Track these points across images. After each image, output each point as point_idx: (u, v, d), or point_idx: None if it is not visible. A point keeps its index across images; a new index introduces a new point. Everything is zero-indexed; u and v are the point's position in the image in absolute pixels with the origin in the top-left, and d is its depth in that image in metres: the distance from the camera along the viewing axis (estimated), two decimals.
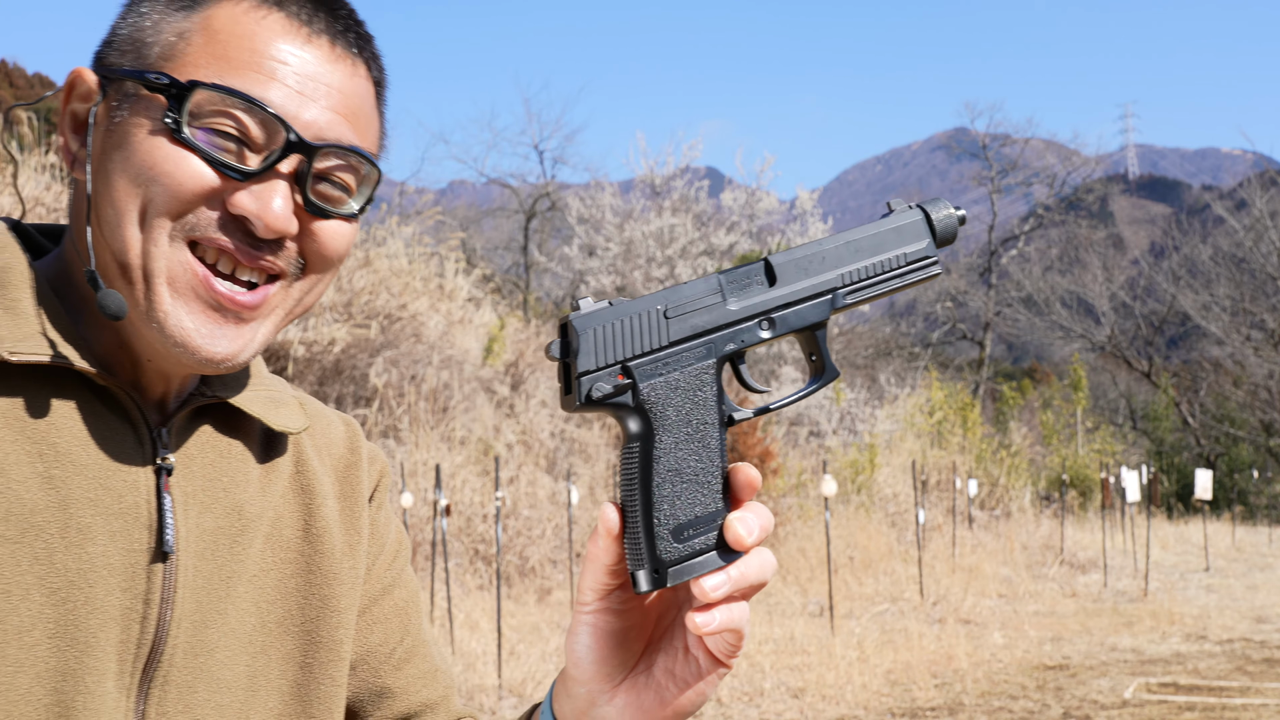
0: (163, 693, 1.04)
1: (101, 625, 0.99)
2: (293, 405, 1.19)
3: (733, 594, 0.95)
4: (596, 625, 0.99)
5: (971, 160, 53.04)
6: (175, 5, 1.04)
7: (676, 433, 0.97)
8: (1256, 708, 8.41)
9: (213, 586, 1.07)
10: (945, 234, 1.07)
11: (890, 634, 10.92)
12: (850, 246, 1.04)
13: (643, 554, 0.95)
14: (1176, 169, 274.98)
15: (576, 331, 0.96)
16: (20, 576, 0.96)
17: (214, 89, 0.99)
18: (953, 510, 17.52)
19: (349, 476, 1.25)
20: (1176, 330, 50.53)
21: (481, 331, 17.16)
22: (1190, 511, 30.92)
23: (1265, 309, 38.43)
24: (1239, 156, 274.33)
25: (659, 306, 0.98)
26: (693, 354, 0.98)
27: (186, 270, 1.01)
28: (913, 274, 1.06)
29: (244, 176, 1.01)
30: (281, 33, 1.03)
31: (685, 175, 28.56)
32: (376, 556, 1.27)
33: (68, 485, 0.99)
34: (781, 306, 1.01)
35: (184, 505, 1.06)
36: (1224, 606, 13.76)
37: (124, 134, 1.02)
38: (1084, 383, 32.93)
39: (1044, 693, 9.03)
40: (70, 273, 1.08)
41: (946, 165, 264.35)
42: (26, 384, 1.01)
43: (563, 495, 13.62)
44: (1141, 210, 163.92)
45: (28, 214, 10.39)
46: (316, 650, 1.15)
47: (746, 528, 0.95)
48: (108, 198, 1.02)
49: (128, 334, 1.05)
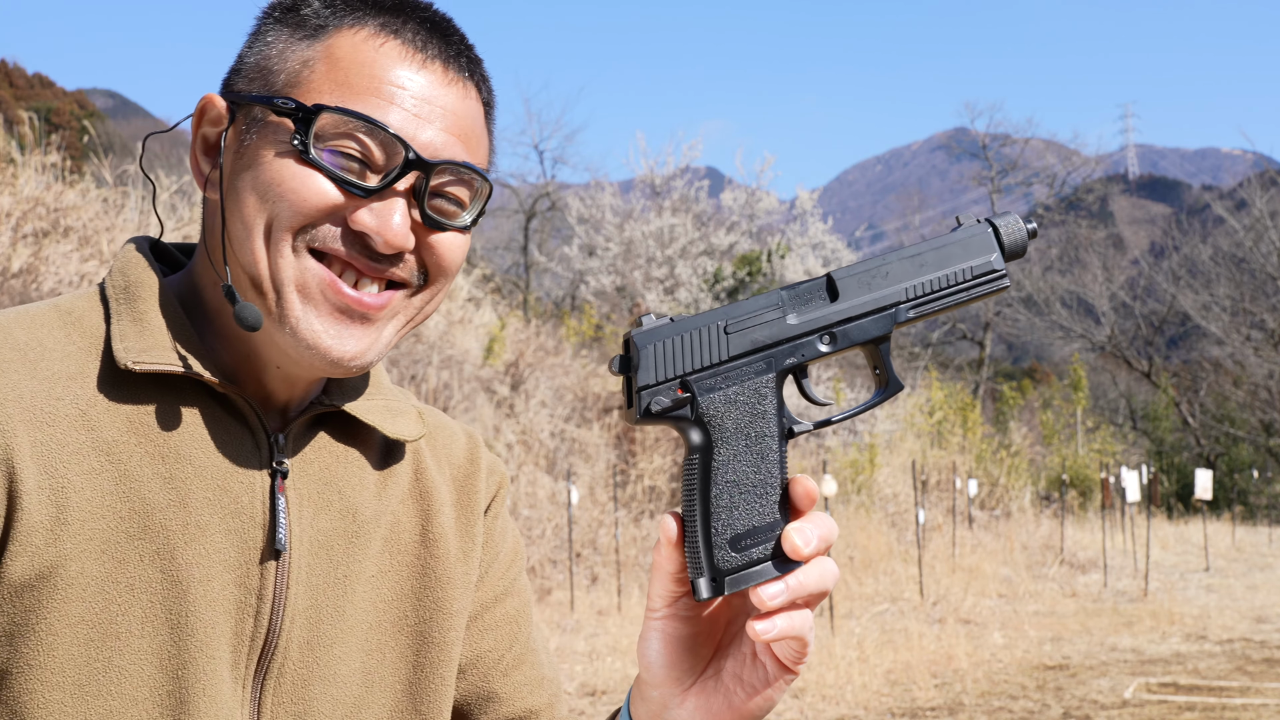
0: (277, 684, 1.10)
1: (216, 618, 1.05)
2: (410, 415, 1.24)
3: (792, 602, 0.98)
4: (665, 631, 1.03)
5: (971, 160, 53.05)
6: (299, 34, 1.11)
7: (735, 445, 0.99)
8: (1256, 708, 8.41)
9: (328, 585, 1.13)
10: (1015, 248, 1.07)
11: (890, 634, 10.92)
12: (915, 261, 1.05)
13: (701, 563, 0.98)
14: (1176, 169, 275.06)
15: (637, 347, 1.00)
16: (143, 570, 1.03)
17: (338, 112, 1.06)
18: (953, 510, 17.52)
19: (467, 486, 1.30)
20: (1176, 330, 50.52)
21: (481, 331, 17.16)
22: (1190, 511, 30.91)
23: (1265, 309, 38.41)
24: (1239, 156, 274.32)
25: (720, 322, 1.01)
26: (752, 368, 1.01)
27: (315, 277, 1.08)
28: (978, 288, 1.06)
29: (366, 194, 1.07)
30: (399, 59, 1.10)
31: (685, 175, 28.56)
32: (490, 565, 1.32)
33: (187, 485, 1.06)
34: (842, 321, 1.03)
35: (298, 507, 1.12)
36: (1224, 606, 13.76)
37: (253, 155, 1.08)
38: (1084, 383, 32.92)
39: (1044, 693, 9.04)
40: (199, 287, 1.15)
41: (946, 165, 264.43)
42: (151, 391, 1.08)
43: (562, 495, 13.61)
44: (1141, 210, 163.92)
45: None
46: (428, 650, 1.20)
47: (804, 538, 0.97)
48: (238, 215, 1.08)
49: (258, 343, 1.11)
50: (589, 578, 13.21)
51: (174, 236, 11.88)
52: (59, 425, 1.03)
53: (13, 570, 0.99)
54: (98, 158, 14.38)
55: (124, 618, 1.02)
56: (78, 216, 11.03)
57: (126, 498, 1.03)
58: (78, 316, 1.10)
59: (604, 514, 14.37)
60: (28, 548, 0.99)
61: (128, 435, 1.05)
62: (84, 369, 1.06)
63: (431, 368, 14.55)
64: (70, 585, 1.00)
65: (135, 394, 1.07)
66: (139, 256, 1.14)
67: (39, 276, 9.80)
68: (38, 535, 0.99)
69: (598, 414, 16.83)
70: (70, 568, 1.00)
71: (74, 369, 1.06)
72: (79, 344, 1.08)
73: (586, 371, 18.25)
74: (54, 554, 1.00)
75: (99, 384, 1.06)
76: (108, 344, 1.08)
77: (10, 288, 9.41)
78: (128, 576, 1.02)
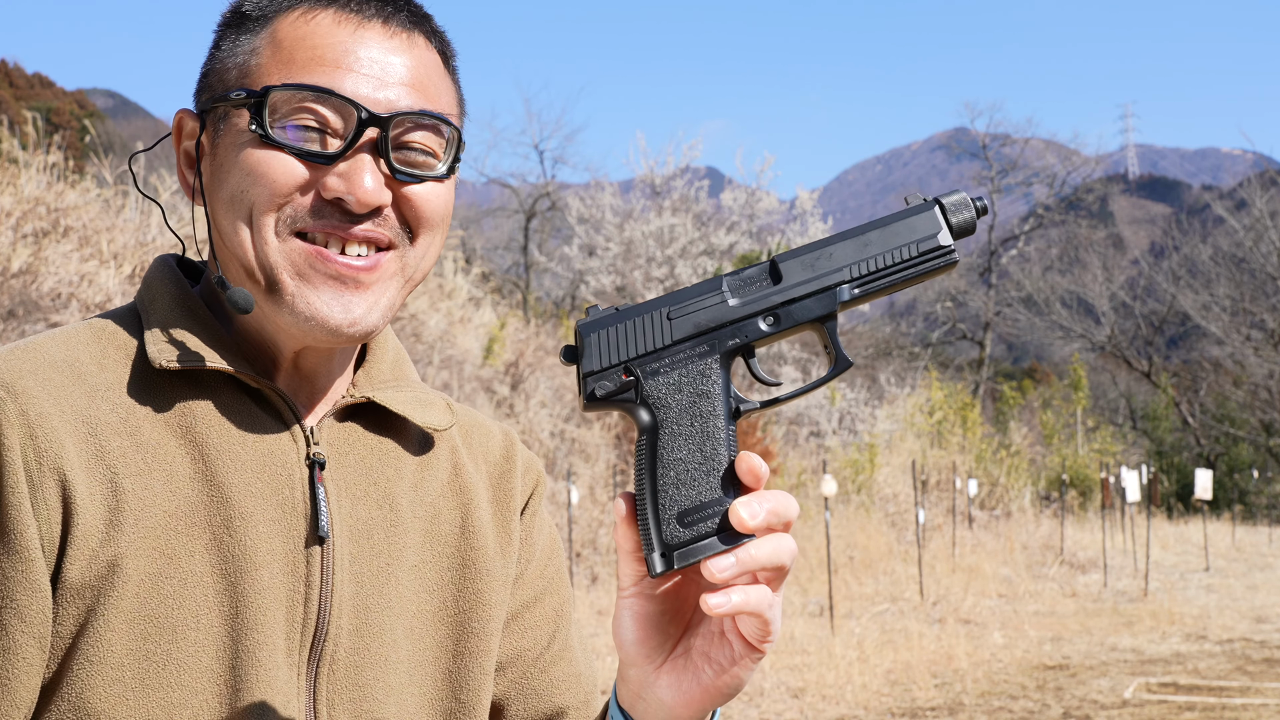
0: (331, 670, 1.12)
1: (267, 606, 1.09)
2: (439, 405, 1.26)
3: (744, 576, 0.98)
4: (635, 609, 1.05)
5: (971, 160, 53.01)
6: (244, 30, 1.15)
7: (680, 424, 1.02)
8: (1256, 708, 8.41)
9: (372, 573, 1.16)
10: (962, 225, 1.07)
11: (890, 634, 10.92)
12: (859, 241, 1.06)
13: (653, 539, 1.01)
14: (1176, 169, 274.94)
15: (582, 336, 1.04)
16: (193, 565, 1.07)
17: (285, 88, 1.09)
18: (953, 510, 17.53)
19: (503, 484, 1.32)
20: (1176, 330, 50.53)
21: (481, 331, 17.16)
22: (1190, 511, 30.92)
23: (1265, 309, 38.42)
24: (1239, 156, 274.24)
25: (663, 309, 1.04)
26: (695, 351, 1.03)
27: (301, 254, 1.11)
28: (925, 265, 1.06)
29: (329, 160, 1.10)
30: (335, 26, 1.13)
31: (685, 175, 28.55)
32: (527, 564, 1.34)
33: (228, 479, 1.10)
34: (785, 303, 1.05)
35: (336, 496, 1.15)
36: (1224, 606, 13.76)
37: (224, 153, 1.13)
38: (1084, 383, 32.93)
39: (1044, 693, 9.04)
40: (216, 289, 1.19)
41: (946, 165, 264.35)
42: (187, 392, 1.12)
43: (562, 495, 13.62)
44: (1141, 210, 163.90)
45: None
46: (467, 640, 1.23)
47: (750, 511, 0.98)
48: (221, 213, 1.13)
49: (270, 331, 1.15)
50: (589, 578, 13.21)
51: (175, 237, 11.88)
52: (103, 433, 1.07)
53: (71, 573, 1.03)
54: (98, 158, 14.38)
55: (179, 611, 1.06)
56: (78, 216, 11.04)
57: (173, 495, 1.07)
58: (110, 332, 1.14)
59: (604, 514, 14.38)
60: (84, 551, 1.03)
61: (168, 435, 1.09)
62: (120, 378, 1.11)
63: (431, 367, 14.55)
64: (125, 583, 1.04)
65: (172, 396, 1.11)
66: (164, 270, 1.19)
67: (39, 276, 9.80)
68: (93, 539, 1.04)
69: (597, 414, 16.82)
70: (125, 567, 1.04)
71: (111, 379, 1.10)
72: (114, 356, 1.12)
73: None
74: (109, 555, 1.04)
75: (136, 390, 1.11)
76: (140, 352, 1.13)
77: (10, 288, 9.42)
78: (180, 571, 1.06)
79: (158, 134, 8.47)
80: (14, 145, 11.82)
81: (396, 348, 1.30)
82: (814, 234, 28.09)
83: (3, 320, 9.05)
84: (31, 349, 1.09)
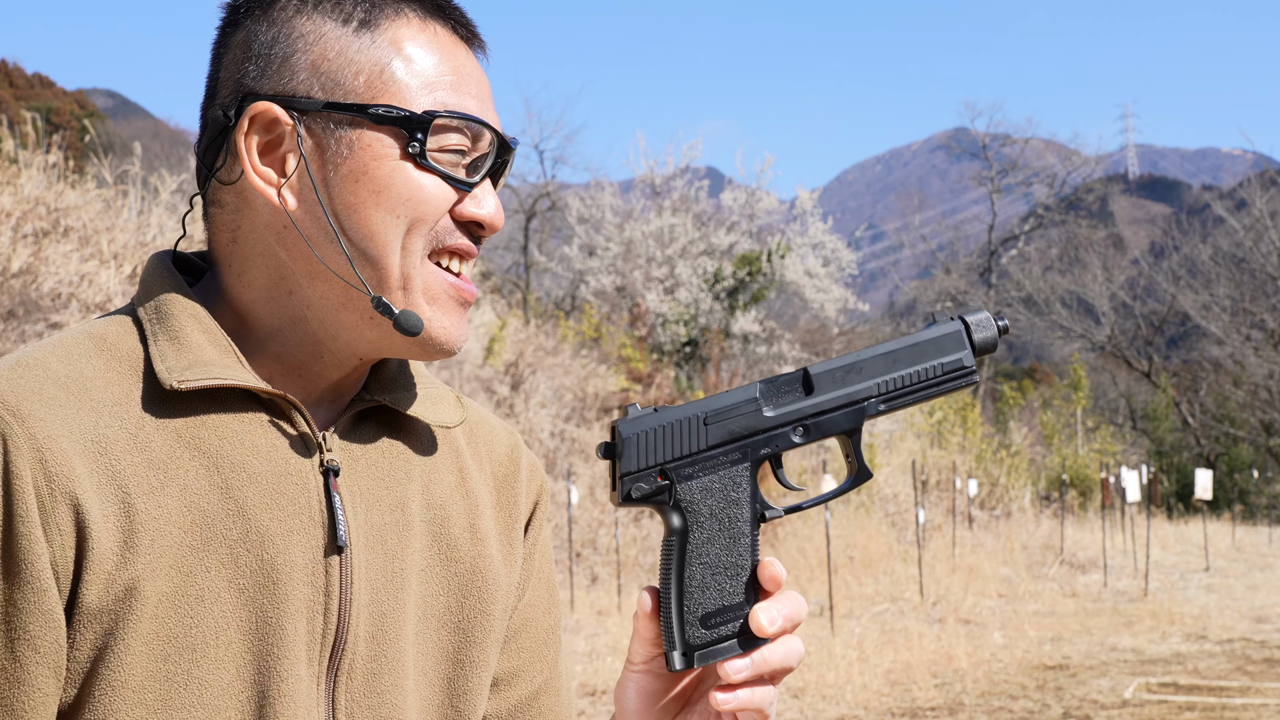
0: (349, 680, 1.12)
1: (289, 618, 1.07)
2: (449, 400, 1.27)
3: (755, 677, 1.06)
4: (640, 684, 1.12)
5: (971, 160, 53.06)
6: (350, 27, 1.11)
7: (710, 529, 1.08)
8: (1256, 708, 8.41)
9: (385, 579, 1.15)
10: (984, 344, 1.14)
11: (890, 634, 10.92)
12: (889, 358, 1.12)
13: (675, 637, 1.07)
14: (1176, 169, 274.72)
15: (622, 436, 1.08)
16: (211, 581, 1.05)
17: (449, 115, 1.10)
18: (953, 510, 17.53)
19: (507, 486, 1.31)
20: (1176, 330, 50.52)
21: (481, 331, 17.15)
22: (1190, 511, 30.91)
23: (1265, 309, 38.40)
24: (1239, 156, 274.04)
25: (699, 413, 1.09)
26: (728, 457, 1.09)
27: (439, 281, 1.12)
28: (948, 383, 1.13)
29: (469, 187, 1.12)
30: (453, 45, 1.14)
31: (685, 175, 28.55)
32: (526, 584, 1.33)
33: (243, 492, 1.08)
34: (816, 414, 1.11)
35: (352, 503, 1.14)
36: (1224, 606, 13.76)
37: (358, 164, 1.10)
38: (1084, 383, 32.92)
39: (1044, 693, 9.04)
40: (227, 294, 1.16)
41: (946, 165, 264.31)
42: (197, 405, 1.09)
43: (562, 495, 13.61)
44: (1141, 210, 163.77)
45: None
46: (469, 649, 1.22)
47: (769, 617, 1.06)
48: (354, 225, 1.10)
49: (326, 340, 1.14)
50: (589, 578, 13.21)
51: (176, 235, 11.87)
52: (113, 451, 1.04)
53: (88, 598, 1.01)
54: (98, 158, 14.38)
55: (198, 629, 1.04)
56: (78, 216, 11.03)
57: (187, 511, 1.05)
58: (113, 342, 1.11)
59: (604, 514, 14.38)
60: (100, 575, 1.02)
61: (180, 450, 1.07)
62: (128, 393, 1.08)
63: (431, 367, 14.55)
64: (143, 605, 1.02)
65: (181, 410, 1.09)
66: (164, 273, 1.15)
67: (39, 276, 9.80)
68: (109, 562, 1.02)
69: (597, 414, 16.84)
70: (142, 588, 1.02)
71: (118, 394, 1.07)
72: (119, 369, 1.09)
73: (586, 371, 18.26)
74: (126, 577, 1.02)
75: (145, 405, 1.08)
76: (148, 365, 1.10)
77: (10, 288, 9.42)
78: (197, 588, 1.04)
79: (157, 134, 8.37)
80: (13, 145, 11.82)
81: None
82: (814, 234, 28.08)
83: (3, 320, 9.05)
84: (33, 366, 1.06)
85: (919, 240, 56.18)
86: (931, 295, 46.97)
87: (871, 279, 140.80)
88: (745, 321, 25.68)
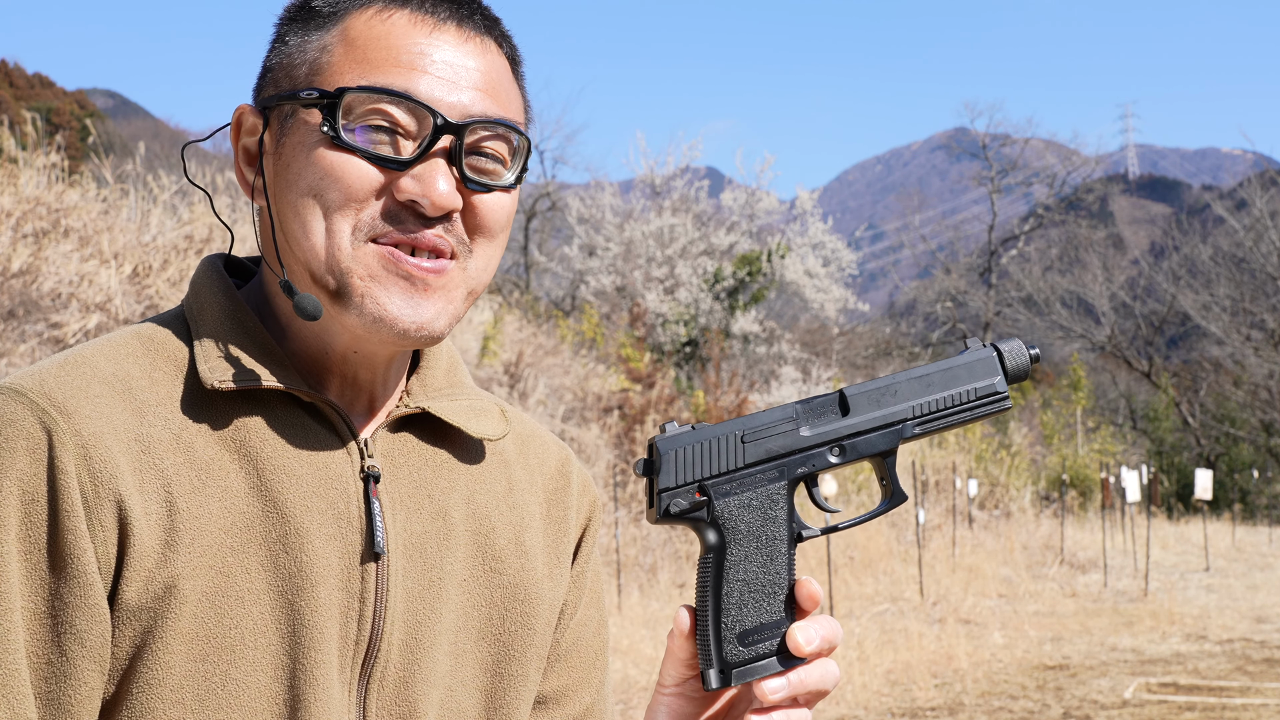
0: (380, 687, 1.11)
1: (324, 622, 1.07)
2: (494, 413, 1.24)
3: (790, 699, 1.06)
4: (672, 707, 1.11)
5: (971, 160, 53.02)
6: (313, 25, 1.13)
7: (747, 546, 1.08)
8: (1256, 708, 8.41)
9: (423, 588, 1.14)
10: (1017, 372, 1.15)
11: (890, 634, 10.93)
12: (923, 381, 1.13)
13: (712, 655, 1.06)
14: (1176, 169, 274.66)
15: (660, 452, 1.08)
16: (251, 583, 1.05)
17: (361, 90, 1.07)
18: (953, 510, 17.53)
19: (557, 500, 1.29)
20: (1176, 330, 50.52)
21: (481, 331, 17.16)
22: (1190, 511, 30.90)
23: (1265, 309, 38.40)
24: (1239, 156, 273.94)
25: (737, 431, 1.09)
26: (765, 475, 1.09)
27: (373, 257, 1.09)
28: (981, 408, 1.14)
29: (402, 166, 1.08)
30: (411, 27, 1.11)
31: (685, 175, 28.53)
32: (579, 603, 1.32)
33: (283, 495, 1.08)
34: (852, 435, 1.11)
35: (391, 510, 1.13)
36: (1224, 606, 13.76)
37: (291, 153, 1.10)
38: (1084, 383, 32.92)
39: (1044, 693, 9.04)
40: (268, 295, 1.17)
41: (946, 165, 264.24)
42: (239, 407, 1.10)
43: None
44: (1141, 210, 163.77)
45: None
46: (509, 662, 1.20)
47: (807, 636, 1.06)
48: (289, 215, 1.10)
49: (327, 339, 1.13)
50: None
51: (176, 236, 11.88)
52: (156, 451, 1.05)
53: (128, 595, 1.02)
54: (98, 158, 14.38)
55: (236, 630, 1.04)
56: (78, 217, 11.03)
57: (228, 513, 1.06)
58: (159, 342, 1.12)
59: (604, 514, 14.38)
60: (141, 572, 1.02)
61: (222, 452, 1.07)
62: (171, 394, 1.09)
63: None
64: (183, 604, 1.03)
65: (224, 411, 1.09)
66: (212, 275, 1.17)
67: (39, 276, 9.80)
68: (150, 559, 1.02)
69: (597, 414, 16.84)
70: (182, 587, 1.03)
71: (162, 394, 1.08)
72: (164, 369, 1.10)
73: (586, 371, 18.26)
74: (166, 575, 1.02)
75: (188, 406, 1.09)
76: (191, 365, 1.10)
77: (10, 288, 9.42)
78: (236, 590, 1.05)
79: (158, 134, 8.35)
80: (13, 145, 11.82)
81: (450, 353, 1.27)
82: (814, 234, 28.08)
83: (3, 320, 9.05)
84: (81, 364, 1.07)
85: (919, 240, 56.15)
86: (931, 295, 46.96)
87: (871, 279, 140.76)
88: (745, 321, 25.67)
